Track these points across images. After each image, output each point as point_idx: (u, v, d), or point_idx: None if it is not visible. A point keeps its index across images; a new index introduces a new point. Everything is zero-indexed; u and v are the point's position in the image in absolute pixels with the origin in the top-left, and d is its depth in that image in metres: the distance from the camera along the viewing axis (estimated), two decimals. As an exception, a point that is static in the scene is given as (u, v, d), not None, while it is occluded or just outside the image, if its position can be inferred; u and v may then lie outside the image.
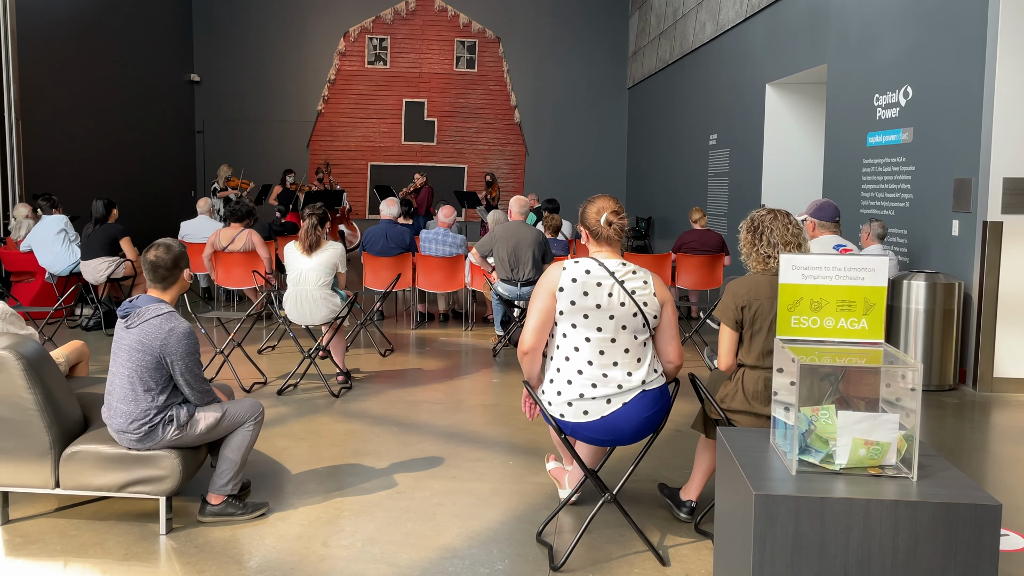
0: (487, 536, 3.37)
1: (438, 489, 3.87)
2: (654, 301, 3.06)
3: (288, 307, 5.58)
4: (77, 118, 11.54)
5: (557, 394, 3.07)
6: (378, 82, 16.57)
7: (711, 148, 11.13)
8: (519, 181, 16.71)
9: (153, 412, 3.26)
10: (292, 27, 16.28)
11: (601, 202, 3.16)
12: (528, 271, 6.70)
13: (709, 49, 11.27)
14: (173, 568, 3.06)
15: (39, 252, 7.83)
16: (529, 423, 4.84)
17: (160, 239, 3.48)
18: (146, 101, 13.85)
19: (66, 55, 11.24)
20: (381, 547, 3.25)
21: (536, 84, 16.62)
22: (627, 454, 3.91)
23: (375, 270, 7.89)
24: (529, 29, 16.51)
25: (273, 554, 3.17)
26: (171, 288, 3.42)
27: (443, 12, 16.49)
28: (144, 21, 13.81)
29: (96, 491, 3.34)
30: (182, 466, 3.30)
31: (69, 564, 3.08)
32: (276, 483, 3.92)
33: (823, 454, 2.07)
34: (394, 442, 4.58)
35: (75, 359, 4.26)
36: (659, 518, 3.54)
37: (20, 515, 3.49)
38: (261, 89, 16.32)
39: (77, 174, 11.32)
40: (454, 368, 6.45)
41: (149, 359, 3.24)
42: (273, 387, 5.69)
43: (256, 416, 3.52)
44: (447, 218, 8.07)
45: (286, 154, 16.01)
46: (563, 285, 3.03)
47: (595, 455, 3.47)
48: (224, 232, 7.56)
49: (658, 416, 3.11)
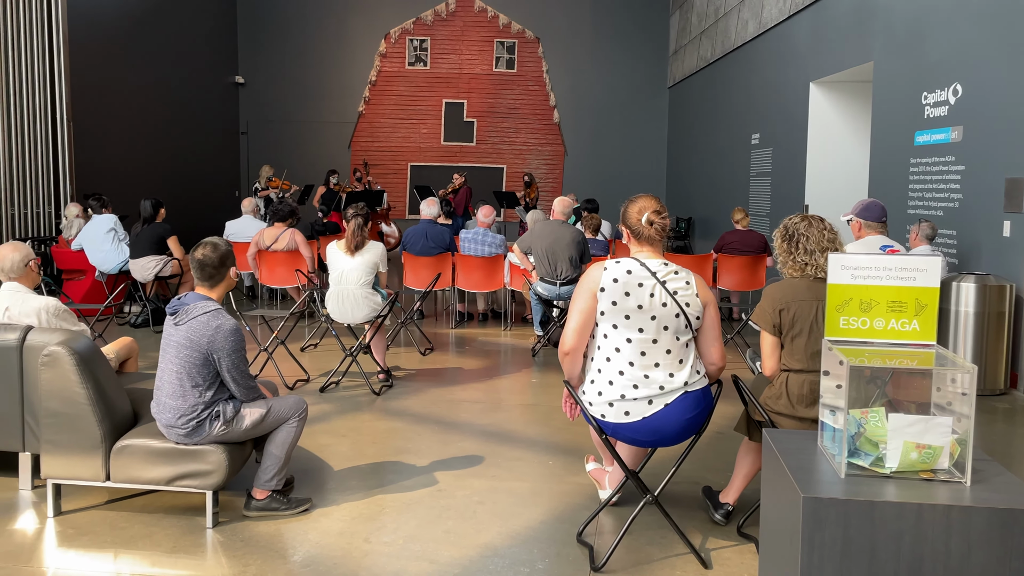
0: (527, 535, 3.37)
1: (478, 488, 3.88)
2: (696, 302, 3.03)
3: (330, 306, 5.64)
4: (126, 120, 11.80)
5: (598, 394, 3.06)
6: (418, 83, 16.67)
7: (753, 148, 11.00)
8: (558, 181, 16.69)
9: (200, 407, 3.32)
10: (334, 29, 16.46)
11: (643, 201, 3.14)
12: (566, 270, 6.68)
13: (751, 47, 11.13)
14: (219, 561, 3.12)
15: (89, 251, 8.02)
16: (569, 423, 4.83)
17: (207, 238, 3.54)
18: (192, 103, 14.12)
19: (115, 59, 11.50)
20: (422, 544, 3.27)
21: (575, 84, 16.58)
22: (668, 456, 3.88)
23: (415, 269, 7.94)
24: (569, 29, 16.48)
25: (316, 549, 3.21)
26: (218, 286, 3.48)
27: (483, 13, 16.53)
28: (190, 25, 14.07)
29: (145, 484, 3.41)
30: (228, 461, 3.35)
31: (119, 556, 3.15)
32: (319, 479, 3.96)
33: (873, 457, 2.04)
34: (434, 440, 4.60)
35: (125, 355, 4.35)
36: (701, 520, 3.51)
37: (72, 507, 3.58)
38: (303, 91, 16.53)
39: (126, 175, 11.57)
40: (493, 368, 6.46)
41: (197, 355, 3.30)
42: (316, 384, 5.76)
43: (300, 413, 3.57)
44: (486, 218, 8.09)
45: (327, 155, 16.19)
46: (604, 285, 3.01)
47: (636, 456, 3.45)
48: (268, 232, 7.66)
49: (700, 418, 3.08)
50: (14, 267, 3.94)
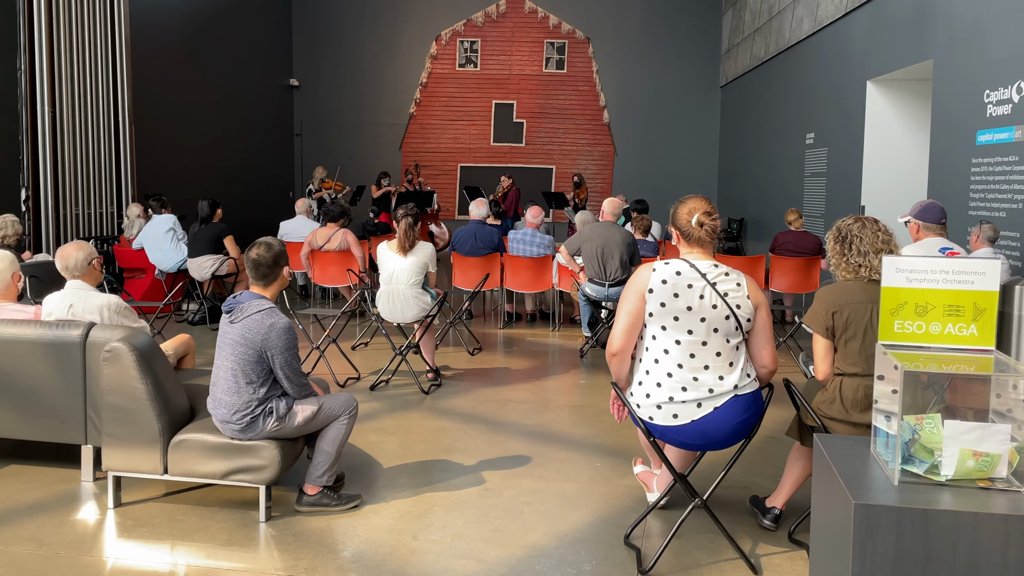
0: (574, 536, 3.37)
1: (525, 488, 3.89)
2: (747, 304, 3.00)
3: (380, 305, 5.72)
4: (185, 122, 12.11)
5: (646, 396, 3.04)
6: (468, 84, 16.76)
7: (808, 147, 10.80)
8: (607, 182, 16.61)
9: (255, 404, 3.40)
10: (386, 32, 16.65)
11: (693, 202, 3.10)
12: (616, 272, 6.66)
13: (806, 45, 10.94)
14: (272, 555, 3.18)
15: (149, 250, 8.25)
16: (616, 425, 4.81)
17: (261, 238, 3.61)
18: (248, 106, 14.42)
19: (174, 63, 11.82)
20: (469, 543, 3.29)
21: (626, 84, 16.48)
22: (717, 460, 3.85)
23: (464, 270, 7.99)
24: (619, 29, 16.39)
25: (365, 545, 3.26)
26: (272, 285, 3.55)
27: (533, 14, 16.55)
28: (247, 30, 14.37)
29: (201, 478, 3.50)
30: (281, 456, 3.42)
31: (176, 547, 3.24)
32: (368, 476, 4.02)
33: (928, 464, 1.99)
34: (482, 440, 4.63)
35: (182, 352, 4.47)
36: (750, 526, 3.46)
37: (132, 499, 3.69)
38: (356, 93, 16.75)
39: (185, 175, 11.88)
40: (541, 368, 6.47)
41: (251, 353, 3.37)
42: (366, 383, 5.83)
43: (351, 410, 3.62)
44: (535, 219, 8.09)
45: (379, 156, 16.39)
46: (653, 287, 2.99)
47: (684, 459, 3.42)
48: (321, 232, 7.79)
49: (750, 421, 3.04)
50: (78, 265, 4.07)
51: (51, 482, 3.89)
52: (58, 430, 3.87)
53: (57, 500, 3.68)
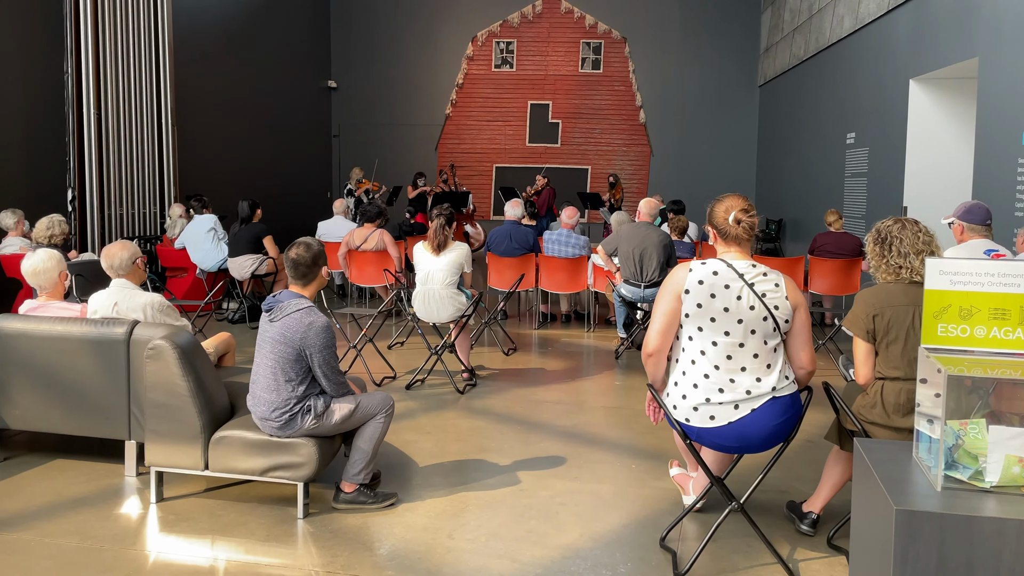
0: (609, 538, 3.36)
1: (560, 489, 3.89)
2: (786, 305, 2.96)
3: (416, 305, 5.75)
4: (225, 124, 12.31)
5: (682, 398, 3.02)
6: (504, 85, 16.79)
7: (848, 147, 10.64)
8: (643, 182, 16.52)
9: (293, 401, 3.44)
10: (423, 34, 16.74)
11: (730, 200, 3.07)
12: (653, 273, 6.62)
13: (847, 44, 10.78)
14: (309, 551, 3.22)
15: (191, 249, 8.39)
16: (652, 427, 4.79)
17: (300, 238, 3.66)
18: (288, 107, 14.60)
19: (216, 66, 12.01)
20: (504, 543, 3.30)
21: (662, 84, 16.38)
22: (755, 463, 3.81)
23: (499, 270, 8.01)
24: (656, 28, 16.30)
25: (401, 543, 3.29)
26: (310, 284, 3.60)
27: (569, 14, 16.52)
28: (286, 32, 14.56)
29: (241, 474, 3.55)
30: (319, 454, 3.46)
31: (216, 542, 3.30)
32: (404, 475, 4.05)
33: (972, 470, 1.95)
34: (517, 440, 4.64)
35: (223, 350, 4.55)
36: (788, 531, 3.43)
37: (173, 494, 3.76)
38: (392, 94, 16.87)
39: (225, 176, 12.07)
40: (576, 369, 6.46)
41: (290, 351, 3.42)
42: (402, 382, 5.88)
43: (387, 409, 3.65)
44: (570, 219, 8.08)
45: (415, 157, 16.49)
46: (689, 287, 2.97)
47: (721, 462, 3.39)
48: (358, 232, 7.86)
49: (788, 424, 3.01)
50: (123, 264, 4.16)
51: (96, 477, 3.98)
52: (102, 426, 3.96)
53: (101, 494, 3.76)
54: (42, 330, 3.93)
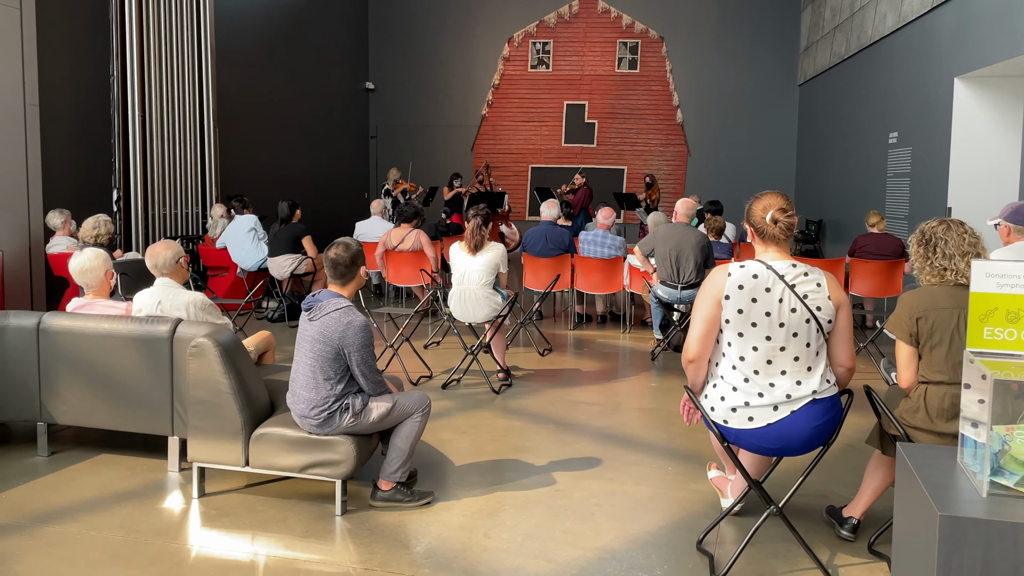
0: (645, 540, 3.35)
1: (596, 490, 3.89)
2: (828, 305, 2.91)
3: (452, 305, 5.78)
4: (265, 126, 12.48)
5: (720, 399, 3.00)
6: (540, 85, 16.79)
7: (890, 147, 10.46)
8: (680, 183, 16.41)
9: (332, 400, 3.48)
10: (459, 35, 16.82)
11: (768, 199, 3.02)
12: (689, 274, 6.57)
13: (890, 42, 10.60)
14: (347, 547, 3.26)
15: (232, 249, 8.53)
16: (689, 429, 4.76)
17: (339, 238, 3.70)
18: (327, 109, 14.77)
19: (256, 69, 12.19)
20: (540, 543, 3.31)
21: (700, 83, 16.25)
22: (794, 467, 3.77)
23: (535, 271, 8.01)
24: (694, 27, 16.18)
25: (438, 541, 3.31)
26: (349, 284, 3.64)
27: (606, 14, 16.47)
28: (325, 34, 14.72)
29: (280, 471, 3.60)
30: (356, 452, 3.50)
31: (256, 537, 3.35)
32: (440, 473, 4.07)
33: (1018, 476, 1.92)
34: (552, 440, 4.64)
35: (263, 348, 4.61)
36: (828, 536, 3.38)
37: (214, 489, 3.83)
38: (429, 95, 16.98)
39: (265, 177, 12.24)
40: (612, 370, 6.44)
41: (329, 350, 3.46)
42: (438, 381, 5.91)
43: (424, 408, 3.68)
44: (606, 220, 8.06)
45: (451, 157, 16.57)
46: (729, 292, 2.92)
47: (759, 465, 3.36)
48: (395, 232, 7.93)
49: (828, 427, 2.96)
50: (166, 263, 4.25)
51: (140, 472, 4.06)
52: (147, 422, 4.05)
53: (145, 489, 3.84)
54: (89, 328, 4.03)
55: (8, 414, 4.21)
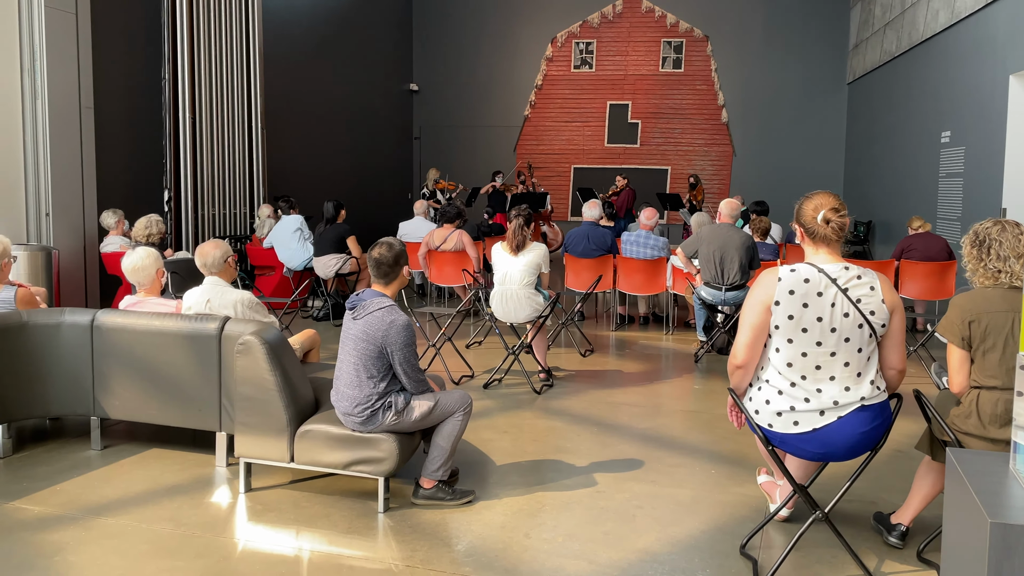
0: (687, 543, 3.32)
1: (637, 492, 3.87)
2: (882, 309, 2.83)
3: (494, 305, 5.80)
4: (312, 128, 12.67)
5: (765, 403, 2.95)
6: (583, 86, 16.76)
7: (943, 147, 10.22)
8: (725, 183, 16.24)
9: (375, 398, 3.52)
10: (502, 36, 16.87)
11: (819, 198, 2.95)
12: (734, 275, 6.50)
13: (942, 39, 10.35)
14: (389, 544, 3.29)
15: (278, 248, 8.67)
16: (733, 432, 4.71)
17: (383, 238, 3.74)
18: (371, 110, 14.93)
19: (303, 71, 12.37)
20: (581, 544, 3.30)
21: (746, 82, 16.06)
22: (841, 471, 3.71)
23: (576, 271, 8.00)
24: (740, 26, 16.00)
25: (479, 540, 3.32)
26: (392, 283, 3.67)
27: (650, 13, 16.38)
28: (370, 37, 14.88)
29: (324, 467, 3.65)
30: (399, 449, 3.53)
31: (301, 533, 3.40)
32: (482, 473, 4.09)
33: (1076, 486, 1.86)
34: (594, 441, 4.62)
35: (308, 346, 4.68)
36: (875, 542, 3.32)
37: (260, 484, 3.90)
38: (472, 96, 17.06)
39: (311, 178, 12.42)
40: (654, 372, 6.40)
41: (372, 348, 3.50)
42: (480, 380, 5.93)
43: (465, 407, 3.70)
44: (649, 220, 8.01)
45: (494, 158, 16.62)
46: (779, 298, 2.85)
47: (805, 469, 3.31)
48: (437, 232, 7.98)
49: (876, 433, 2.90)
50: (215, 262, 4.33)
51: (188, 466, 4.15)
52: (195, 417, 4.13)
53: (194, 483, 3.93)
54: (140, 325, 4.13)
55: (63, 408, 4.34)
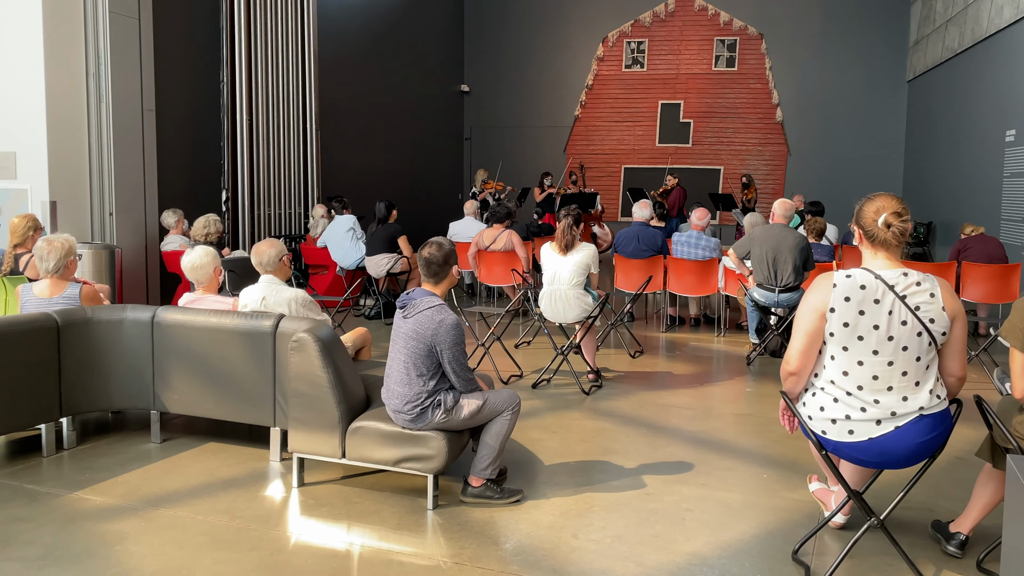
0: (738, 548, 3.28)
1: (687, 495, 3.83)
2: (943, 316, 2.74)
3: (543, 305, 5.80)
4: (364, 129, 12.83)
5: (819, 409, 2.89)
6: (634, 85, 16.65)
7: (1007, 145, 9.90)
8: (779, 183, 15.97)
9: (424, 396, 3.55)
10: (553, 37, 16.86)
11: (881, 201, 2.84)
12: (788, 277, 6.39)
13: (1008, 35, 10.02)
14: (438, 541, 3.32)
15: (332, 248, 8.80)
16: (785, 436, 4.64)
17: (433, 238, 3.77)
18: (422, 112, 15.06)
19: (356, 74, 12.54)
20: (629, 546, 3.29)
21: (801, 80, 15.77)
22: (898, 477, 3.62)
23: (626, 272, 7.95)
24: (795, 23, 15.71)
25: (527, 539, 3.33)
26: (442, 283, 3.70)
27: (703, 11, 16.19)
28: (422, 39, 15.01)
29: (375, 464, 3.70)
30: (448, 447, 3.56)
31: (352, 528, 3.45)
32: (530, 472, 4.10)
33: None
34: (643, 443, 4.60)
35: (360, 344, 4.75)
36: (933, 551, 3.23)
37: (313, 479, 3.96)
38: (523, 97, 17.09)
39: (364, 178, 12.59)
40: (705, 374, 6.32)
41: (422, 347, 3.53)
42: (528, 380, 5.94)
43: (514, 406, 3.71)
44: (701, 221, 7.92)
45: (544, 158, 16.62)
46: (834, 305, 2.78)
47: (860, 475, 3.23)
48: (487, 232, 8.01)
49: (935, 442, 2.81)
50: (271, 261, 4.43)
51: (244, 460, 4.24)
52: (250, 412, 4.22)
53: (249, 477, 4.01)
54: (199, 321, 4.24)
55: (125, 402, 4.47)
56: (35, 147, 7.04)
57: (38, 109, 6.98)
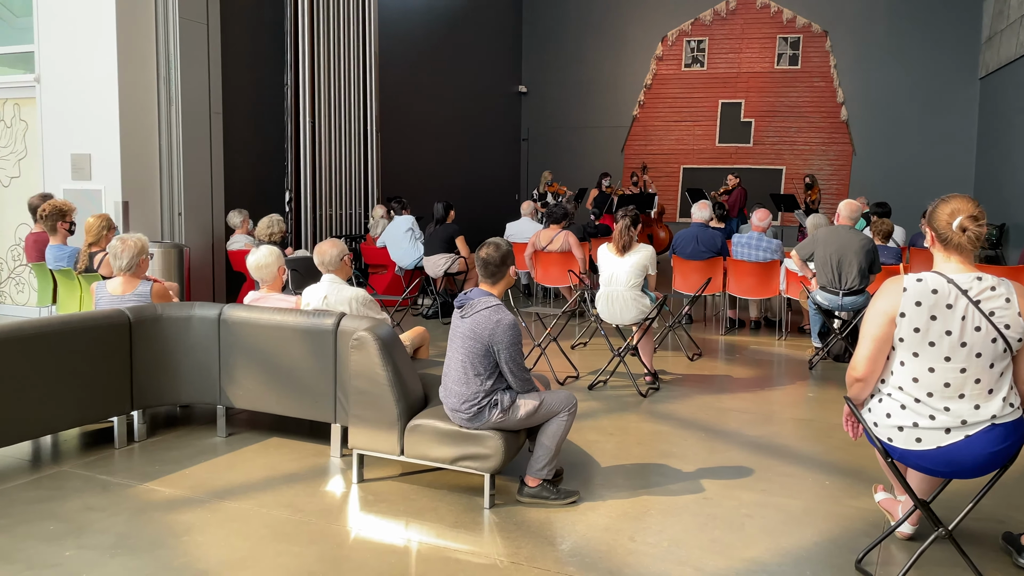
0: (799, 555, 3.22)
1: (746, 500, 3.77)
2: (1019, 322, 2.65)
3: (600, 306, 5.78)
4: (424, 130, 12.97)
5: (886, 416, 2.82)
6: (694, 84, 16.46)
7: (1088, 143, 9.49)
8: (843, 183, 15.59)
9: (481, 395, 3.58)
10: (611, 36, 16.78)
11: (957, 203, 2.75)
12: (853, 280, 6.24)
13: (1090, 27, 9.61)
14: (495, 540, 3.34)
15: (391, 248, 8.92)
16: (848, 442, 4.53)
17: (490, 239, 3.79)
18: (481, 113, 15.15)
19: (416, 76, 12.68)
20: (687, 550, 3.25)
21: (867, 78, 15.36)
22: (968, 487, 3.50)
23: (685, 273, 7.87)
24: (861, 19, 15.32)
25: (583, 541, 3.32)
26: (499, 283, 3.72)
27: (765, 9, 15.92)
28: (481, 40, 15.10)
29: (433, 462, 3.74)
30: (504, 447, 3.57)
31: (409, 524, 3.50)
32: (586, 474, 4.09)
33: None
34: (701, 447, 4.54)
35: (418, 343, 4.80)
36: (1004, 563, 3.13)
37: (372, 476, 4.03)
38: (580, 97, 17.04)
39: (422, 179, 12.73)
40: (765, 378, 6.22)
41: (479, 347, 3.55)
42: (584, 382, 5.93)
43: (570, 407, 3.71)
44: (761, 222, 7.79)
45: (601, 159, 16.55)
46: (905, 310, 2.71)
47: (928, 483, 3.14)
48: (544, 233, 8.02)
49: (1008, 452, 2.72)
50: (332, 261, 4.51)
51: (305, 455, 4.33)
52: (312, 409, 4.31)
53: (310, 472, 4.10)
54: (263, 319, 4.34)
55: (192, 397, 4.61)
56: (108, 149, 7.30)
57: (111, 113, 7.25)
